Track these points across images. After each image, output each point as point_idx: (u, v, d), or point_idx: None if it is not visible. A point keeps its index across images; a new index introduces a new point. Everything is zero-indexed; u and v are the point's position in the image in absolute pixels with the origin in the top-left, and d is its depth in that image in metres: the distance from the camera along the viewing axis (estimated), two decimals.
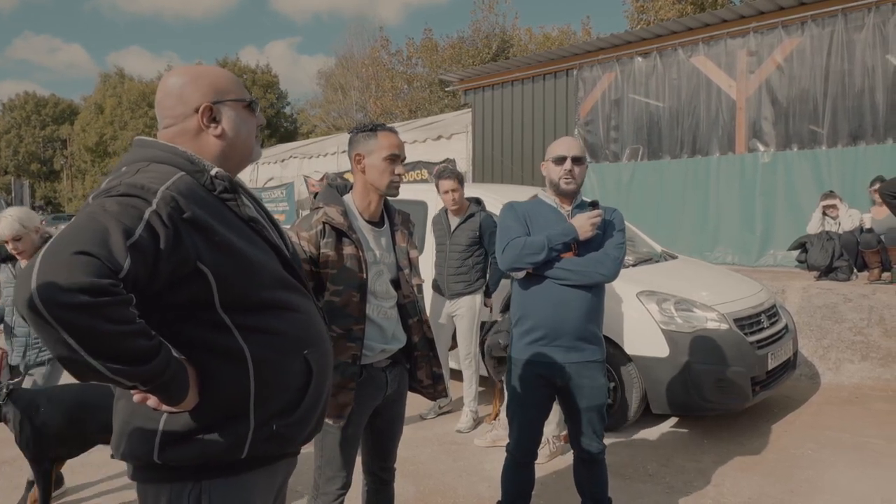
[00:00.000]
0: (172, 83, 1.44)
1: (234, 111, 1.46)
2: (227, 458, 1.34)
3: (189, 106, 1.42)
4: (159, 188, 1.25)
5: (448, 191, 4.41)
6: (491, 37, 26.06)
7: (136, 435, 1.33)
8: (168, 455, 1.31)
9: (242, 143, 1.49)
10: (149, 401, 1.28)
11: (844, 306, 5.72)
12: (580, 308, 2.57)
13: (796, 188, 7.44)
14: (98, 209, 1.20)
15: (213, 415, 1.32)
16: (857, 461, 3.87)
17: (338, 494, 2.21)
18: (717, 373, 4.03)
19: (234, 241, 1.34)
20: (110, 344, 1.12)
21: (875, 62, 6.98)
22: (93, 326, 1.09)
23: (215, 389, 1.32)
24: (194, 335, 1.32)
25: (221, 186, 1.39)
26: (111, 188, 1.25)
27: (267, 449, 1.39)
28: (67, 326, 1.08)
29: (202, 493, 1.35)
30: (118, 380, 1.16)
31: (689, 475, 3.71)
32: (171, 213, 1.24)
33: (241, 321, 1.34)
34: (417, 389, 2.39)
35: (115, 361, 1.13)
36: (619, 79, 8.99)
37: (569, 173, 2.58)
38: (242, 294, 1.35)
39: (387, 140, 2.19)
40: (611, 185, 9.03)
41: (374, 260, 2.21)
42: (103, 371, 1.13)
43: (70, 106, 53.09)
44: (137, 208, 1.21)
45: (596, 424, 2.68)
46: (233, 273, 1.33)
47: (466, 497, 3.50)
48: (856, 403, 5.00)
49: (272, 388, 1.37)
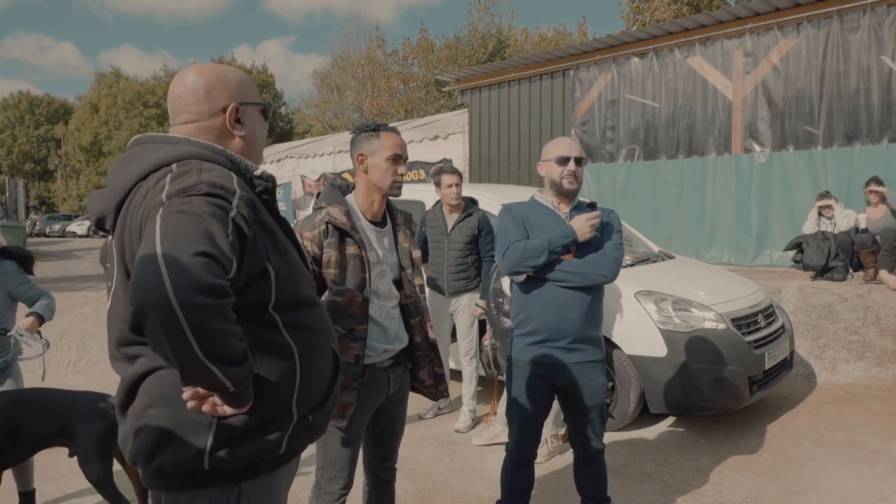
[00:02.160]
0: (194, 80, 1.41)
1: (255, 114, 1.47)
2: (269, 454, 1.34)
3: (216, 104, 1.40)
4: (235, 188, 1.24)
5: (452, 185, 4.43)
6: (487, 37, 26.06)
7: (181, 442, 1.28)
8: (219, 457, 1.28)
9: (258, 147, 1.49)
10: (204, 406, 1.23)
11: (840, 306, 5.75)
12: (580, 309, 2.59)
13: (792, 188, 7.47)
14: (190, 209, 1.16)
15: (264, 412, 1.31)
16: (852, 460, 3.89)
17: (340, 494, 2.22)
18: (715, 372, 4.05)
19: (281, 239, 1.37)
20: (222, 344, 1.12)
21: (870, 63, 7.01)
22: (214, 327, 1.09)
23: (269, 385, 1.31)
24: (254, 335, 1.30)
25: (262, 186, 1.39)
26: (190, 187, 1.20)
27: (301, 441, 1.41)
28: (194, 326, 1.07)
29: (241, 495, 1.33)
30: (221, 379, 1.14)
31: (687, 474, 3.73)
32: (248, 214, 1.24)
33: (286, 319, 1.36)
34: (419, 389, 2.40)
35: (222, 362, 1.12)
36: (615, 79, 9.00)
37: (572, 174, 2.60)
38: (290, 292, 1.37)
39: (389, 140, 2.20)
40: (607, 186, 9.05)
41: (377, 260, 2.22)
42: (214, 370, 1.12)
43: (64, 105, 52.89)
44: (224, 209, 1.19)
45: (596, 424, 2.70)
46: (286, 272, 1.35)
47: (465, 496, 3.51)
48: (852, 402, 5.03)
49: (311, 382, 1.40)
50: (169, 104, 1.46)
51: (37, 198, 50.19)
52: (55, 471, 3.75)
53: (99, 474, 2.76)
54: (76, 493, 3.56)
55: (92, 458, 2.76)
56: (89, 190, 43.94)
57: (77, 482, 3.60)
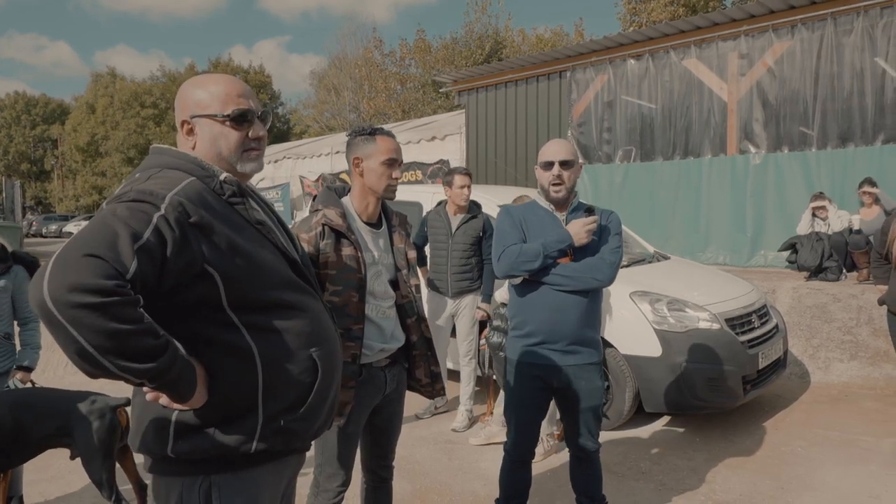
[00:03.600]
0: (179, 91, 1.55)
1: (208, 125, 1.50)
2: (237, 451, 1.39)
3: (179, 118, 1.53)
4: (168, 194, 1.31)
5: (464, 186, 4.46)
6: (484, 38, 26.11)
7: (150, 429, 1.39)
8: (180, 448, 1.37)
9: (219, 155, 1.51)
10: (161, 399, 1.33)
11: (834, 306, 5.80)
12: (577, 312, 2.59)
13: (786, 189, 7.52)
14: (109, 214, 1.26)
15: (224, 409, 1.38)
16: (845, 458, 3.93)
17: (338, 491, 2.25)
18: (709, 372, 4.09)
19: (240, 243, 1.40)
20: (117, 342, 1.17)
21: (864, 65, 7.07)
22: (100, 325, 1.15)
23: (226, 385, 1.37)
24: (205, 333, 1.37)
25: (230, 191, 1.45)
26: (123, 194, 1.32)
27: (275, 443, 1.44)
28: (77, 325, 1.13)
29: (212, 487, 1.41)
30: (125, 376, 1.22)
31: (682, 473, 3.76)
32: (179, 218, 1.30)
33: (248, 320, 1.40)
34: (416, 388, 2.43)
35: (122, 359, 1.18)
36: (611, 80, 9.05)
37: (557, 178, 2.59)
38: (249, 294, 1.41)
39: (385, 144, 2.23)
40: (604, 187, 9.09)
41: (373, 261, 2.25)
42: (111, 368, 1.18)
43: (60, 105, 52.79)
44: (146, 213, 1.27)
45: (592, 424, 2.72)
46: (239, 274, 1.38)
47: (462, 495, 3.53)
48: (845, 402, 5.08)
49: (279, 385, 1.43)
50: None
51: (33, 198, 50.09)
52: (55, 470, 3.77)
53: (100, 474, 2.78)
54: (77, 493, 3.58)
55: (95, 458, 2.77)
56: (86, 190, 43.88)
57: (77, 481, 3.63)
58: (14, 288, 3.17)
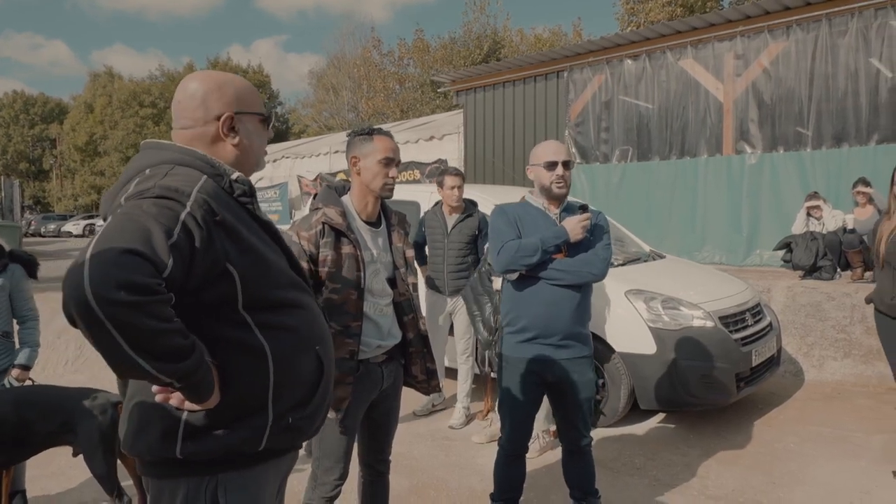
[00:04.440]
0: (195, 87, 1.47)
1: (252, 124, 1.51)
2: (245, 450, 1.38)
3: (210, 112, 1.46)
4: (192, 191, 1.29)
5: (454, 187, 4.51)
6: (482, 38, 26.15)
7: (155, 431, 1.35)
8: (189, 449, 1.34)
9: (254, 155, 1.53)
10: (171, 399, 1.30)
11: (828, 305, 5.85)
12: (570, 307, 2.67)
13: (782, 189, 7.57)
14: (136, 210, 1.22)
15: (235, 409, 1.36)
16: (837, 454, 3.98)
17: (335, 485, 2.30)
18: (703, 369, 4.14)
19: (254, 242, 1.39)
20: (152, 340, 1.15)
21: (858, 65, 7.13)
22: (137, 323, 1.12)
23: (238, 385, 1.35)
24: (220, 333, 1.35)
25: (241, 190, 1.43)
26: (145, 190, 1.27)
27: (282, 441, 1.44)
28: (117, 323, 1.10)
29: (218, 487, 1.38)
30: (156, 375, 1.19)
31: (676, 468, 3.81)
32: (205, 216, 1.28)
33: (260, 319, 1.39)
34: (412, 384, 2.48)
35: (155, 358, 1.16)
36: (608, 81, 9.10)
37: (560, 178, 2.67)
38: (262, 293, 1.40)
39: (382, 144, 2.28)
40: (601, 186, 9.14)
41: (372, 259, 2.29)
42: (144, 366, 1.16)
43: (59, 105, 52.76)
44: (173, 210, 1.24)
45: (584, 418, 2.78)
46: (254, 273, 1.38)
47: (459, 490, 3.58)
48: (838, 399, 5.13)
49: (289, 383, 1.42)
50: (172, 108, 1.52)
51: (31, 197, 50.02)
52: (56, 466, 3.81)
53: (103, 469, 2.82)
54: (77, 488, 3.63)
55: (97, 454, 2.81)
56: (84, 189, 43.89)
57: (78, 476, 3.67)
58: (11, 286, 3.16)
